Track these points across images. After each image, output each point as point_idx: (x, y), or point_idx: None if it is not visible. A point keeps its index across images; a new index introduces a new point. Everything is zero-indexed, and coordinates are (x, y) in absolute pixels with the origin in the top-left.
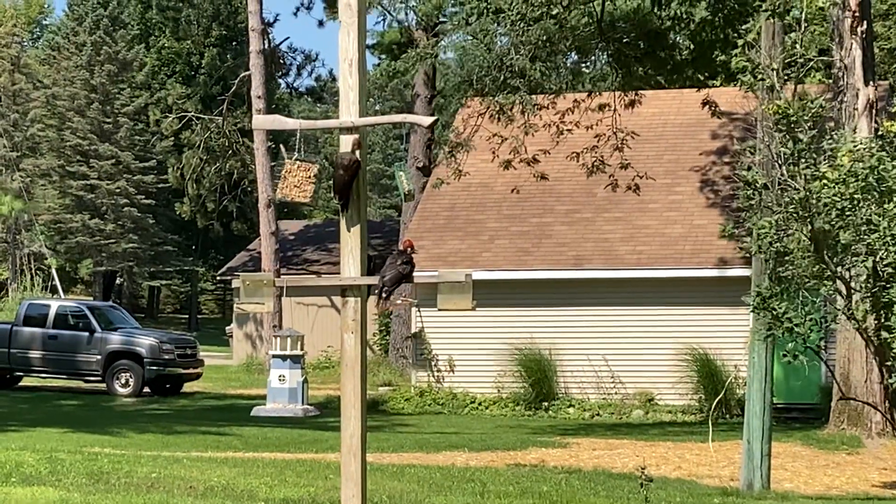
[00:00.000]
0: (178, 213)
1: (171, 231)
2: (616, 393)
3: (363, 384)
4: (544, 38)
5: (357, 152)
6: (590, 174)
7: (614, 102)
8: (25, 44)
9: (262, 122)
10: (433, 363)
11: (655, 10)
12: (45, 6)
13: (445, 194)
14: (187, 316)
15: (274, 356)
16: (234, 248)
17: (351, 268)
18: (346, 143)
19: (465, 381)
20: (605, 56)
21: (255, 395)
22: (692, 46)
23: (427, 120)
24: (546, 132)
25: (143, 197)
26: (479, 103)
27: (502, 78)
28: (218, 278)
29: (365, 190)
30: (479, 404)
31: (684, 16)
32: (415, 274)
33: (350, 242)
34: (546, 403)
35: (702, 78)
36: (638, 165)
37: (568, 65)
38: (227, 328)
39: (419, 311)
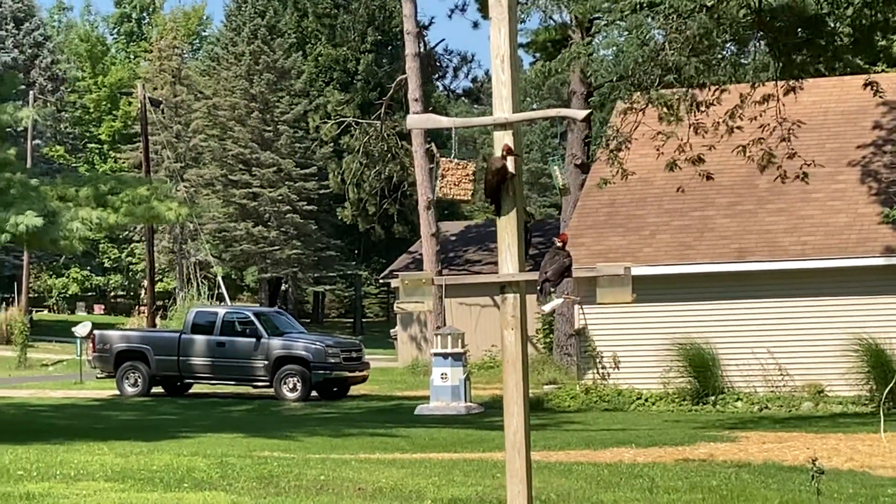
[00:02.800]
0: (339, 217)
1: (333, 236)
2: (784, 385)
3: (525, 380)
4: (700, 31)
5: (508, 158)
6: (762, 169)
7: (777, 92)
8: (186, 56)
9: (417, 121)
10: (598, 360)
11: None
12: (204, 18)
13: (605, 191)
14: (352, 320)
15: (435, 355)
16: (396, 250)
17: (509, 264)
18: (499, 140)
19: (631, 377)
20: (763, 46)
21: (420, 397)
22: (852, 32)
23: (581, 113)
24: (711, 126)
25: (305, 203)
26: (638, 99)
27: (658, 73)
28: (381, 281)
29: (521, 185)
30: (645, 400)
31: (843, 0)
32: (576, 270)
33: (507, 238)
34: (713, 398)
35: (862, 64)
36: (801, 156)
37: (726, 57)
38: (391, 331)
39: (582, 308)
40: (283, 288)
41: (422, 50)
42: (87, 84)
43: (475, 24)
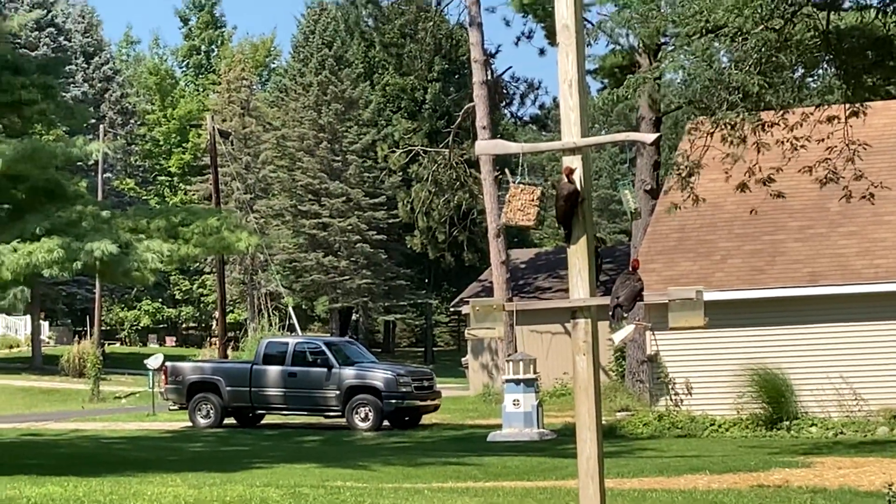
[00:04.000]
0: (409, 246)
1: (403, 265)
2: (859, 410)
3: (598, 406)
4: (766, 53)
5: (576, 179)
6: (822, 185)
7: (843, 114)
8: (254, 87)
9: (485, 146)
10: (670, 386)
11: (880, 17)
12: (273, 50)
13: (675, 216)
14: (423, 349)
15: (507, 381)
16: (466, 279)
17: (580, 289)
18: (568, 164)
19: (704, 403)
20: (831, 68)
21: (492, 425)
22: None
23: (650, 137)
24: (778, 149)
25: (375, 232)
26: (706, 123)
27: (724, 96)
28: (451, 310)
29: (591, 210)
30: (719, 426)
31: None
32: (647, 295)
33: (578, 263)
34: (787, 423)
35: None
36: (870, 178)
37: (793, 78)
38: (462, 359)
39: (653, 334)
40: (353, 318)
41: (489, 77)
42: (156, 117)
43: (541, 52)
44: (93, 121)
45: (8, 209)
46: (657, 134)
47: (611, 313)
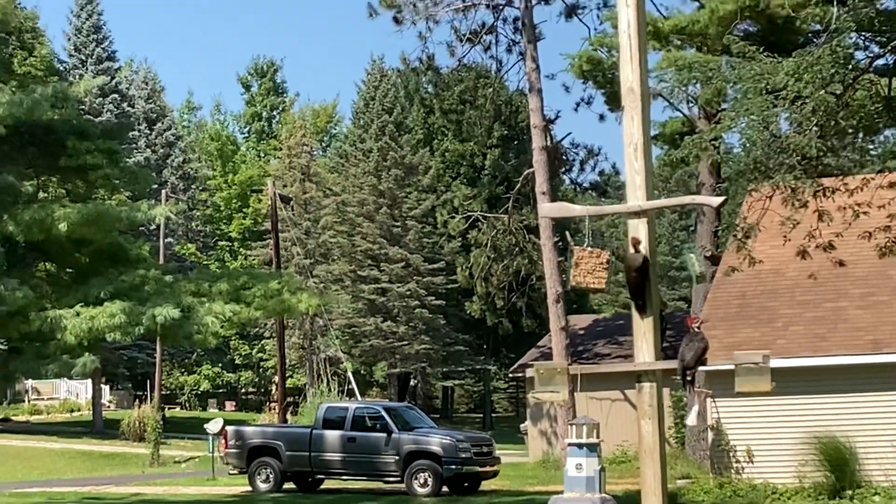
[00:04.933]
0: (467, 312)
1: (461, 331)
2: None
3: (663, 470)
4: (826, 117)
5: (643, 249)
6: (882, 255)
7: None
8: (315, 153)
9: (549, 209)
10: (731, 454)
11: None
12: (333, 116)
13: (736, 282)
14: (481, 415)
15: (570, 444)
16: (525, 345)
17: (645, 352)
18: (633, 228)
19: (765, 471)
20: (893, 134)
21: (552, 491)
22: None
23: (716, 200)
24: (839, 215)
25: (434, 298)
26: (765, 187)
27: (783, 160)
28: (510, 376)
29: (655, 274)
30: (781, 495)
31: None
32: (712, 362)
33: (643, 327)
34: (850, 492)
35: None
36: None
37: (854, 143)
38: (521, 425)
39: (714, 401)
40: (412, 383)
41: (548, 143)
42: (217, 182)
43: (601, 117)
44: (155, 186)
45: (71, 273)
46: (723, 197)
47: (679, 377)
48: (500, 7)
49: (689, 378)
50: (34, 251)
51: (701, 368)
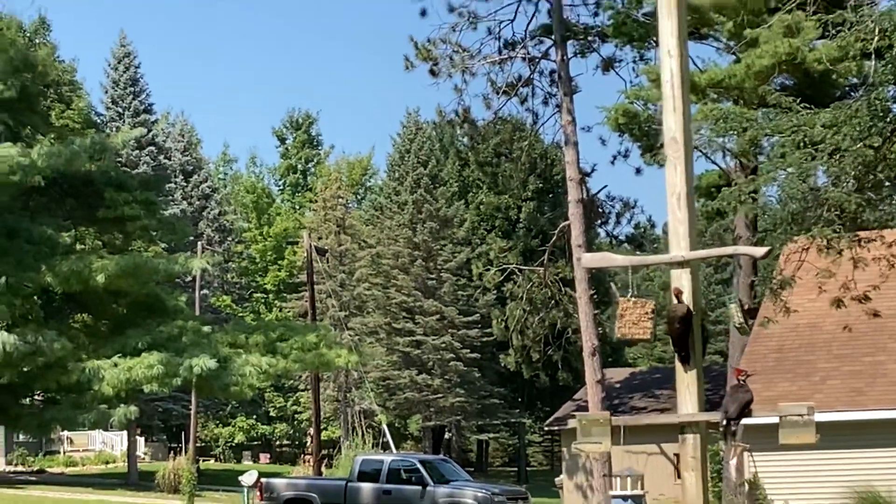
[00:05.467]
0: (503, 364)
1: (496, 384)
2: None
3: None
4: (864, 170)
5: (684, 298)
6: None
7: None
8: (350, 205)
9: (592, 259)
10: None
11: None
12: (369, 168)
13: (773, 336)
14: (516, 468)
15: (614, 497)
16: (560, 398)
17: (688, 404)
18: (676, 278)
19: None
20: None
21: None
22: None
23: (759, 251)
24: (876, 266)
25: (468, 351)
26: (803, 240)
27: (822, 213)
28: (545, 429)
29: (699, 324)
30: None
31: None
32: (756, 414)
33: (686, 378)
34: None
35: None
36: None
37: (892, 196)
38: (556, 479)
39: (751, 455)
40: (446, 436)
41: (584, 196)
42: (253, 234)
43: (638, 171)
44: (191, 238)
45: (108, 324)
46: (767, 248)
47: (721, 428)
48: (537, 60)
49: (732, 429)
50: (72, 302)
51: (742, 421)
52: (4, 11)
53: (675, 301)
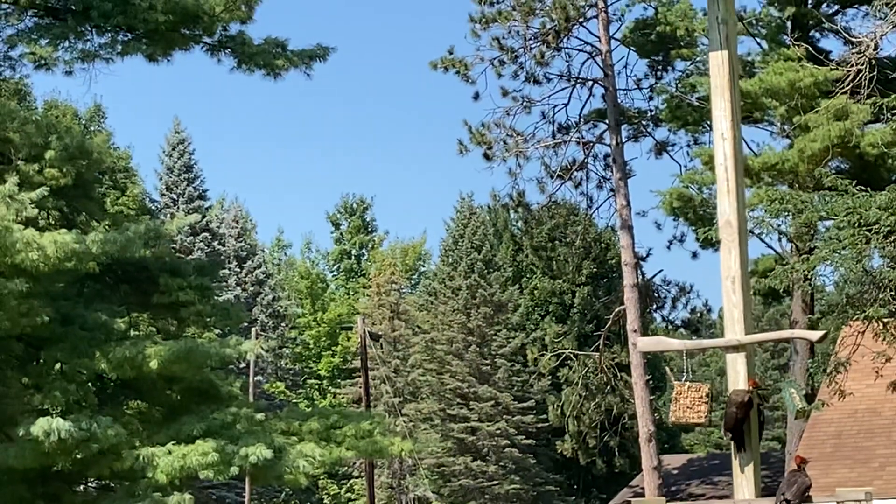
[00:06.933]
0: (558, 451)
1: (552, 470)
2: None
3: None
4: None
5: (752, 391)
6: None
7: None
8: (404, 290)
9: (647, 343)
10: None
11: None
12: (423, 253)
13: (831, 422)
14: None
15: None
16: (616, 484)
17: (744, 489)
18: (731, 363)
19: None
20: None
21: None
22: None
23: (816, 334)
24: None
25: (524, 437)
26: (859, 323)
27: (877, 295)
28: None
29: (756, 411)
30: None
31: None
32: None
33: (743, 463)
34: None
35: None
36: None
37: None
38: None
39: None
40: None
41: (640, 281)
42: (307, 320)
43: (694, 255)
44: (245, 324)
45: (162, 410)
46: (823, 332)
47: None
48: (591, 144)
49: None
50: (125, 388)
51: None
52: (61, 99)
53: (740, 387)
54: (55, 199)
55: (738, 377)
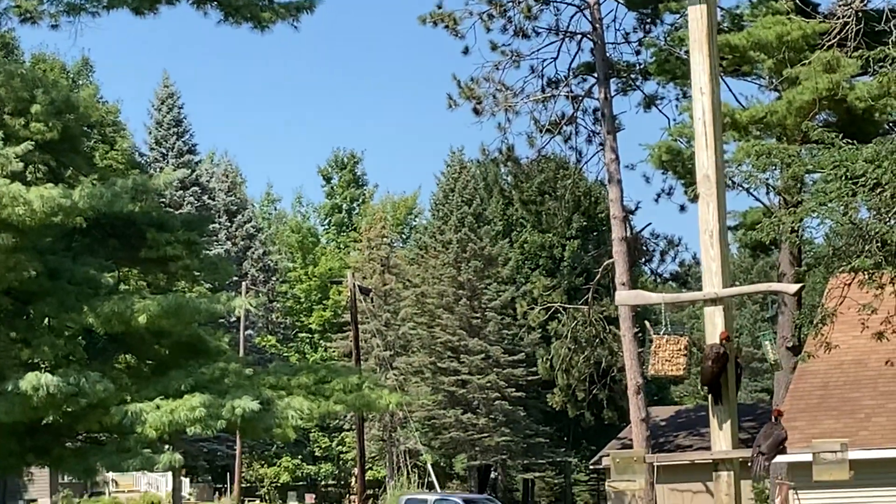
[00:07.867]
0: (548, 403)
1: (542, 423)
2: None
3: None
4: None
5: (725, 344)
6: None
7: None
8: (395, 245)
9: (626, 297)
10: None
11: None
12: (413, 208)
13: (817, 373)
14: None
15: None
16: (605, 437)
17: (721, 441)
18: (709, 315)
19: None
20: None
21: None
22: None
23: (792, 287)
24: None
25: (514, 390)
26: (846, 275)
27: (864, 247)
28: (591, 468)
29: (733, 366)
30: None
31: None
32: (791, 452)
33: (719, 415)
34: None
35: None
36: None
37: None
38: None
39: (797, 493)
40: (492, 475)
41: (628, 234)
42: (297, 274)
43: (682, 208)
44: (235, 278)
45: (151, 365)
46: (800, 284)
47: (750, 463)
48: (580, 98)
49: (766, 464)
50: (114, 343)
51: (783, 459)
52: (48, 53)
53: (715, 341)
54: (42, 153)
55: (715, 331)
